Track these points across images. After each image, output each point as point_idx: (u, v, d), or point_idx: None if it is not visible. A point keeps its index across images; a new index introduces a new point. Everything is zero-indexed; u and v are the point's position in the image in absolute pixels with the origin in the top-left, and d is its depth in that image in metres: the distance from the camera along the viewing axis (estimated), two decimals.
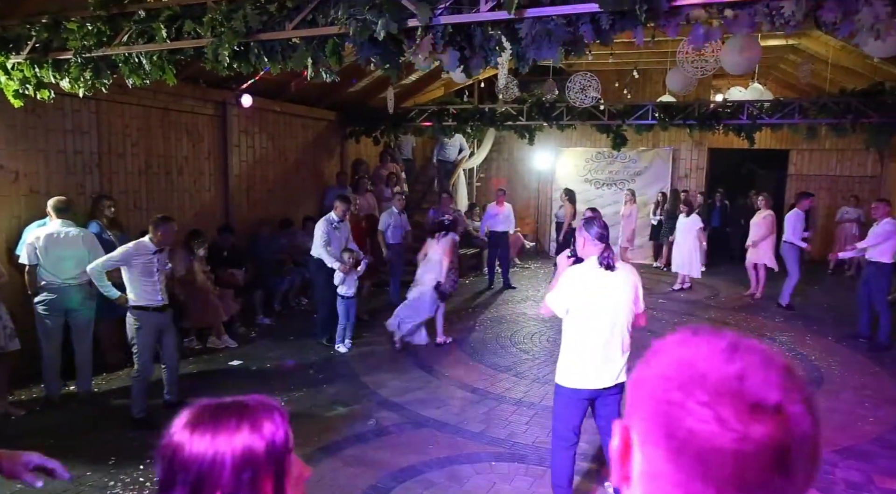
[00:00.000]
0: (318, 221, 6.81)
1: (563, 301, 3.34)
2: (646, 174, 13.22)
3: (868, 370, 6.26)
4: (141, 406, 4.81)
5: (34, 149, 5.77)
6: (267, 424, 0.97)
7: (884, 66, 8.49)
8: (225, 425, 0.95)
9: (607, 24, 3.13)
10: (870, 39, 2.72)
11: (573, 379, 3.36)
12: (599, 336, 3.29)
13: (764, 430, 0.60)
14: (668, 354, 0.70)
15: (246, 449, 0.93)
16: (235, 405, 1.00)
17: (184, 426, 0.98)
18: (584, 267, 3.34)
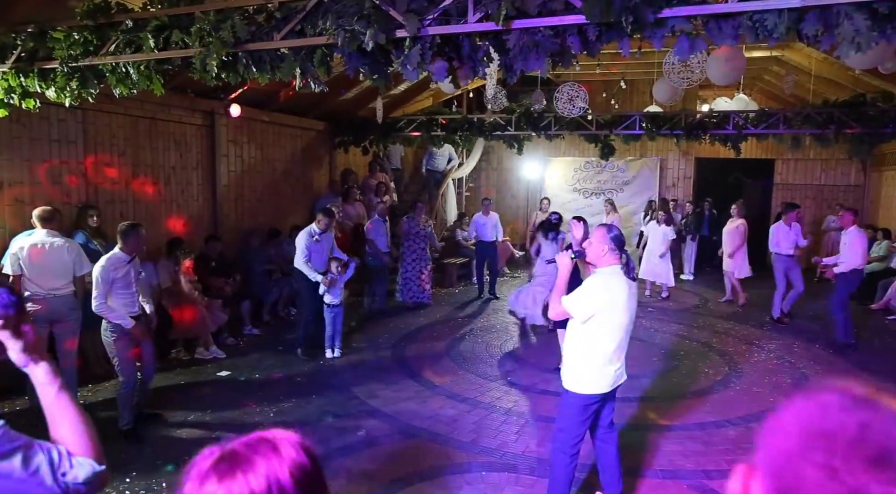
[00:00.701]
0: (300, 233, 6.75)
1: (589, 307, 3.25)
2: (634, 183, 13.33)
3: (855, 377, 6.29)
4: (128, 418, 4.74)
5: (19, 158, 5.72)
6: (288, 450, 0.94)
7: (865, 77, 8.65)
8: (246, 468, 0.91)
9: (594, 36, 3.16)
10: (851, 52, 2.77)
11: (593, 385, 3.35)
12: (620, 342, 3.34)
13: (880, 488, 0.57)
14: (796, 407, 0.71)
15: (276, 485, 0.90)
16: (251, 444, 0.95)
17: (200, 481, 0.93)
18: (612, 277, 3.29)
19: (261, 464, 0.90)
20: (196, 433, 4.84)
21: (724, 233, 9.71)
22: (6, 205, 5.61)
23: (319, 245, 6.73)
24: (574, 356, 3.39)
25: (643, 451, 4.53)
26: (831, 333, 7.63)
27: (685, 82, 7.11)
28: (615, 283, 3.26)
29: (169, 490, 3.94)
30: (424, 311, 9.09)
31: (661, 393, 5.78)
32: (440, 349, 7.19)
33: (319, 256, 6.72)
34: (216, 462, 0.92)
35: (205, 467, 0.93)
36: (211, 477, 0.91)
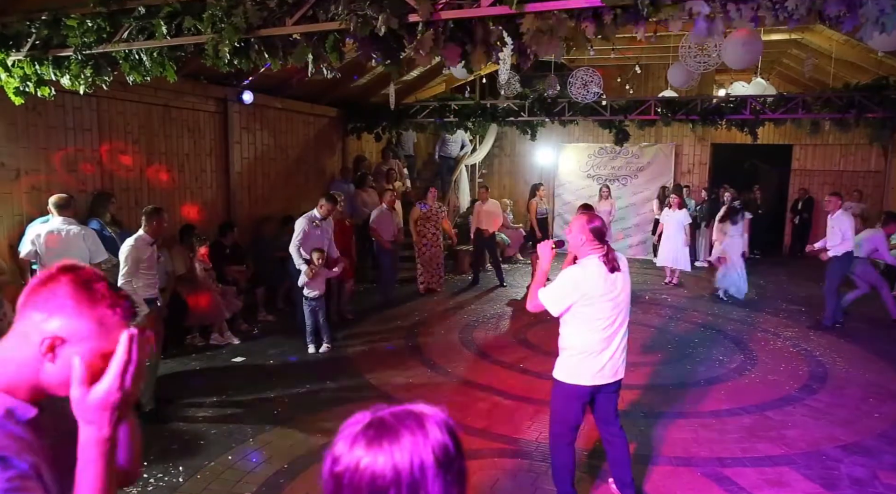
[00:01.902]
0: (301, 217, 6.62)
1: (562, 300, 3.24)
2: (648, 170, 13.19)
3: (873, 365, 6.24)
4: (149, 399, 4.85)
5: (35, 146, 5.77)
6: (434, 430, 0.94)
7: (888, 60, 8.45)
8: (398, 436, 0.92)
9: (609, 19, 3.10)
10: (874, 33, 2.69)
11: (575, 376, 3.33)
12: (602, 334, 3.28)
13: None
14: None
15: (417, 462, 0.90)
16: (399, 416, 0.96)
17: (351, 442, 0.94)
18: (588, 268, 3.23)
19: (406, 439, 0.92)
20: (212, 417, 4.90)
21: None
22: (23, 193, 5.67)
23: (319, 230, 6.61)
24: (564, 347, 3.38)
25: (656, 439, 4.52)
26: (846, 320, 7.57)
27: (701, 66, 7.01)
28: (591, 274, 3.21)
29: (185, 474, 4.00)
30: (438, 298, 9.10)
31: (675, 381, 5.76)
32: (453, 336, 7.20)
33: (317, 243, 6.58)
34: (366, 427, 0.95)
35: (355, 430, 0.95)
36: (360, 441, 0.93)
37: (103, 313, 1.13)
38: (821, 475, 4.02)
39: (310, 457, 4.20)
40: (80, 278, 1.14)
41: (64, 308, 1.11)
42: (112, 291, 1.16)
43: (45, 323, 1.10)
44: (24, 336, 1.12)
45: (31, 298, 1.13)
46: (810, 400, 5.31)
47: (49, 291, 1.12)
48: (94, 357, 1.12)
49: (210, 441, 4.47)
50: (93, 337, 1.12)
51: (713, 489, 3.85)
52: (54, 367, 1.12)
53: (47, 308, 1.11)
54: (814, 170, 13.11)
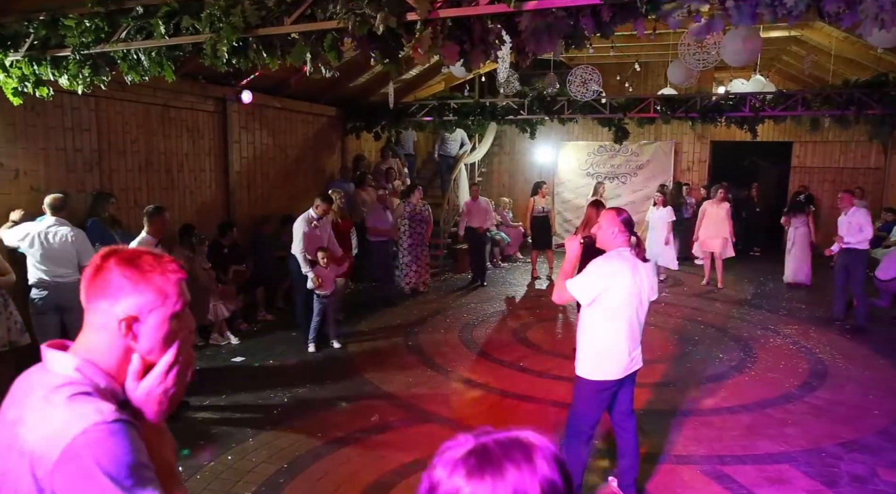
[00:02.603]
0: (297, 219, 6.57)
1: (592, 289, 3.23)
2: (648, 167, 13.19)
3: (873, 362, 6.24)
4: None
5: (34, 147, 5.76)
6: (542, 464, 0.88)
7: (887, 57, 8.44)
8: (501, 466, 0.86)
9: (608, 17, 3.10)
10: (874, 29, 2.69)
11: (603, 371, 3.33)
12: (629, 326, 3.31)
13: None
14: None
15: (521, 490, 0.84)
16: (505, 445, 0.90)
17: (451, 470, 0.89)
18: (617, 260, 3.26)
19: (511, 472, 0.85)
20: (211, 417, 4.90)
21: (710, 215, 9.70)
22: (22, 193, 5.66)
23: (318, 231, 6.59)
24: (585, 342, 3.37)
25: (658, 436, 4.52)
26: (851, 317, 7.57)
27: (700, 64, 6.99)
28: (619, 265, 3.25)
29: (185, 474, 4.00)
30: (437, 297, 9.10)
31: (676, 379, 5.76)
32: (453, 334, 7.20)
33: (316, 243, 6.56)
34: (467, 454, 0.89)
35: (456, 456, 0.90)
36: (459, 469, 0.88)
37: (158, 280, 1.20)
38: (821, 472, 4.02)
39: (309, 457, 4.20)
40: (124, 258, 1.20)
41: (123, 288, 1.18)
42: (156, 259, 1.23)
43: (114, 308, 1.18)
44: (102, 327, 1.19)
45: (90, 291, 1.19)
46: (810, 398, 5.31)
47: (102, 279, 1.19)
48: (169, 321, 1.22)
49: (209, 441, 4.46)
50: (159, 304, 1.20)
51: (713, 487, 3.85)
52: (140, 345, 1.20)
53: (109, 294, 1.18)
54: (813, 168, 13.09)
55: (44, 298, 5.03)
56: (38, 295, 5.04)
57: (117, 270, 1.18)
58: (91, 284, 1.19)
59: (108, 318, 1.18)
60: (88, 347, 1.20)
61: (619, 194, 13.07)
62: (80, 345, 1.21)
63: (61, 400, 1.11)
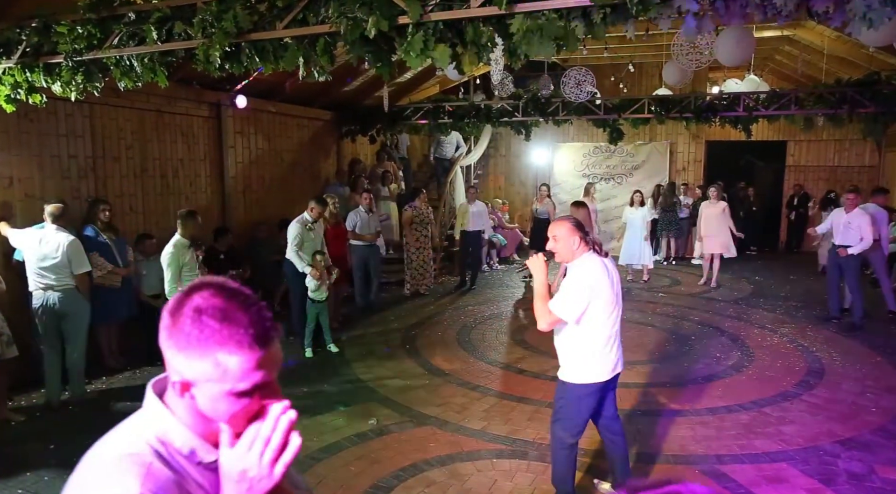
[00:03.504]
0: (292, 222, 6.56)
1: (578, 306, 3.16)
2: (643, 168, 13.22)
3: (869, 360, 6.25)
4: None
5: (28, 154, 5.75)
6: None
7: (879, 55, 8.48)
8: None
9: (599, 18, 3.11)
10: (863, 28, 2.70)
11: (592, 374, 3.30)
12: (612, 327, 3.29)
13: None
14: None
15: None
16: None
17: None
18: (590, 265, 3.22)
19: None
20: None
21: (708, 216, 9.73)
22: (17, 201, 5.65)
23: (313, 234, 6.57)
24: (571, 347, 3.29)
25: (655, 437, 4.52)
26: (848, 315, 7.59)
27: (694, 64, 7.02)
28: (594, 271, 3.20)
29: None
30: (434, 300, 9.10)
31: (673, 378, 5.76)
32: (450, 337, 7.20)
33: (312, 246, 6.56)
34: None
35: None
36: None
37: (217, 352, 0.98)
38: (818, 470, 4.02)
39: (306, 461, 4.19)
40: (196, 309, 1.00)
41: (183, 346, 1.00)
42: (230, 325, 1.00)
43: (175, 362, 1.01)
44: (171, 378, 1.04)
45: (163, 333, 1.03)
46: (807, 396, 5.32)
47: (174, 325, 1.02)
48: (227, 398, 1.00)
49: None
50: (214, 379, 0.99)
51: (711, 486, 3.85)
52: (199, 404, 1.02)
53: (173, 345, 1.01)
54: (808, 166, 13.14)
55: (42, 305, 5.04)
56: (36, 300, 5.06)
57: (188, 320, 1.00)
58: (167, 321, 1.03)
59: (170, 368, 1.03)
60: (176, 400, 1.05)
61: (615, 195, 13.10)
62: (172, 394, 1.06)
63: None
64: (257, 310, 1.05)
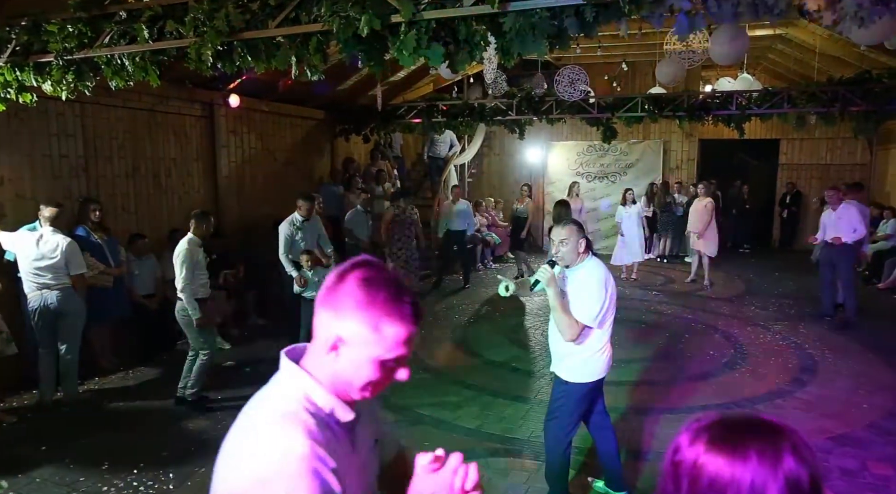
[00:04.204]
0: (282, 223, 6.49)
1: (599, 311, 3.15)
2: (637, 166, 13.24)
3: (861, 357, 6.29)
4: (199, 388, 5.17)
5: (19, 153, 5.71)
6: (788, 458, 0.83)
7: (871, 54, 8.52)
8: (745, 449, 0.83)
9: (591, 17, 3.11)
10: (853, 27, 2.71)
11: (594, 373, 3.32)
12: (609, 327, 3.31)
13: None
14: None
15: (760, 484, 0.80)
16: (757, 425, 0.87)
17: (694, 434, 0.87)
18: (596, 267, 3.24)
19: (753, 459, 0.82)
20: (203, 423, 4.87)
21: (692, 212, 9.78)
22: (7, 201, 5.61)
23: (304, 233, 6.49)
24: (575, 348, 3.26)
25: (647, 434, 4.53)
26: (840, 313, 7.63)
27: (687, 62, 7.04)
28: (601, 268, 3.24)
29: (175, 481, 3.97)
30: (428, 298, 9.09)
31: (666, 376, 5.78)
32: (444, 335, 7.20)
33: (305, 245, 6.50)
34: (713, 424, 0.87)
35: (702, 424, 0.88)
36: (701, 437, 0.86)
37: (382, 320, 1.09)
38: None
39: None
40: (366, 278, 1.11)
41: (346, 308, 1.10)
42: (398, 298, 1.11)
43: (332, 321, 1.11)
44: (319, 332, 1.14)
45: (325, 295, 1.13)
46: (800, 393, 5.35)
47: (338, 289, 1.12)
48: (370, 362, 1.11)
49: (200, 447, 4.43)
50: (369, 342, 1.09)
51: None
52: (341, 366, 1.12)
53: (334, 306, 1.11)
54: (801, 164, 13.20)
55: (38, 304, 5.02)
56: (33, 301, 5.05)
57: (353, 287, 1.10)
58: (329, 289, 1.13)
59: (325, 329, 1.13)
60: (313, 357, 1.16)
61: (609, 193, 13.12)
62: (309, 356, 1.17)
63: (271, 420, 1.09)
64: (413, 293, 1.16)
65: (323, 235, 6.81)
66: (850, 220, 7.23)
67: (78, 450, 4.38)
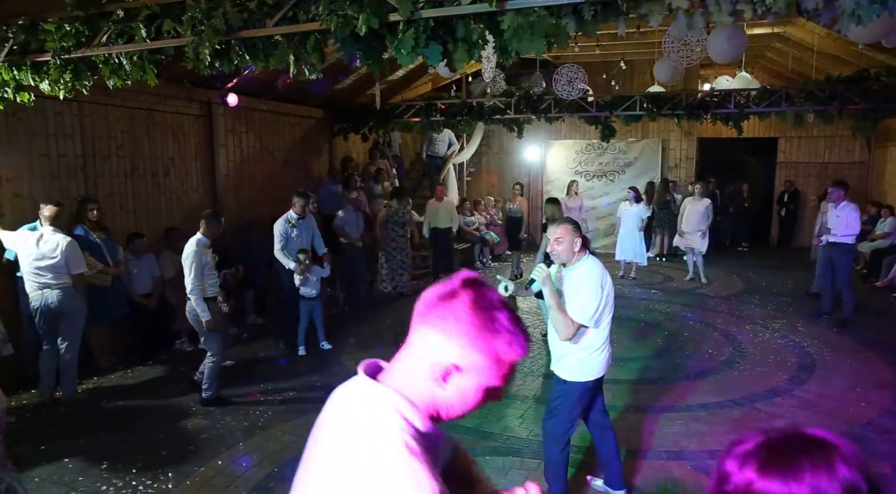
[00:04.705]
0: (277, 220, 6.51)
1: (596, 311, 3.16)
2: (635, 165, 13.24)
3: (859, 355, 6.30)
4: (215, 388, 5.16)
5: (17, 153, 5.70)
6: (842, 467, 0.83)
7: (869, 52, 8.53)
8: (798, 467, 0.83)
9: (589, 15, 3.10)
10: (851, 25, 2.71)
11: (594, 371, 3.32)
12: (609, 325, 3.32)
13: None
14: None
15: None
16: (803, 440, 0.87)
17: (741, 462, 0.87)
18: (594, 266, 3.24)
19: (806, 474, 0.82)
20: (201, 422, 4.87)
21: (690, 213, 9.81)
22: (5, 200, 5.60)
23: (299, 231, 6.50)
24: (575, 347, 3.27)
25: (646, 432, 4.54)
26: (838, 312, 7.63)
27: (685, 61, 7.03)
28: (597, 267, 3.24)
29: (174, 480, 3.97)
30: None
31: (665, 374, 5.78)
32: None
33: (299, 245, 6.50)
34: (760, 447, 0.87)
35: (748, 448, 0.88)
36: (751, 462, 0.86)
37: (501, 348, 1.06)
38: None
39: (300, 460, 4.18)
40: (483, 302, 1.07)
41: (461, 334, 1.05)
42: (513, 323, 1.08)
43: (443, 346, 1.06)
44: (418, 353, 1.10)
45: (429, 313, 1.08)
46: (799, 391, 5.36)
47: (449, 310, 1.06)
48: (482, 392, 1.08)
49: (199, 446, 4.44)
50: (484, 371, 1.06)
51: (703, 482, 3.87)
52: (444, 392, 1.09)
53: (444, 329, 1.06)
54: (799, 163, 13.21)
55: (39, 303, 5.02)
56: (34, 300, 5.05)
57: (470, 311, 1.05)
58: (433, 305, 1.08)
59: (429, 350, 1.08)
60: (406, 377, 1.11)
61: (608, 192, 13.12)
62: (397, 374, 1.12)
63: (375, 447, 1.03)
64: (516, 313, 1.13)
65: (317, 234, 6.81)
66: (847, 219, 7.25)
67: (77, 450, 4.37)
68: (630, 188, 10.40)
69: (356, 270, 8.45)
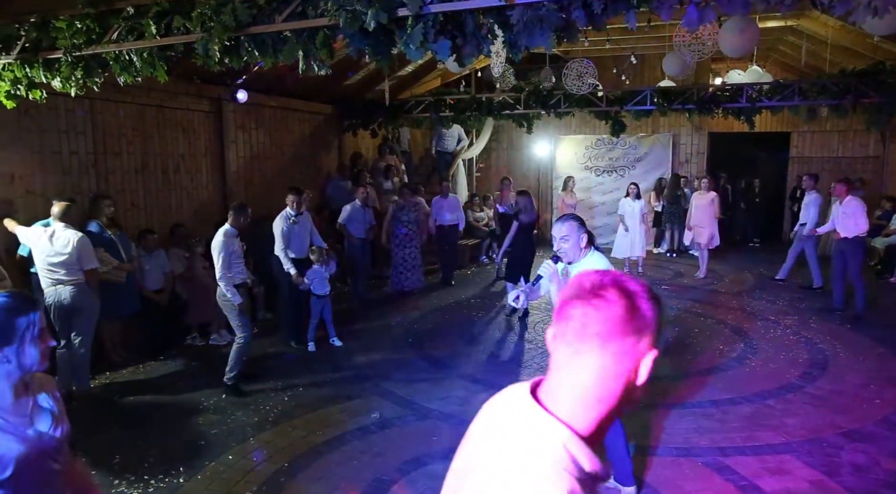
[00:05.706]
0: (276, 219, 6.45)
1: None
2: (646, 160, 13.15)
3: (873, 351, 6.23)
4: (237, 373, 5.38)
5: (29, 150, 5.75)
6: None
7: (884, 44, 8.40)
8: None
9: (599, 9, 3.08)
10: (867, 17, 2.67)
11: None
12: None
13: None
14: None
15: None
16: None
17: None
18: (599, 259, 3.24)
19: None
20: (212, 417, 4.90)
21: (697, 207, 9.81)
22: (18, 197, 5.65)
23: (298, 228, 6.48)
24: None
25: (657, 429, 4.51)
26: (850, 308, 7.56)
27: (696, 55, 6.97)
28: (604, 263, 3.23)
29: (186, 474, 4.00)
30: (437, 294, 9.09)
31: (676, 371, 5.75)
32: (453, 332, 7.19)
33: (300, 241, 6.49)
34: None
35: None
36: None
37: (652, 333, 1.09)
38: (822, 462, 4.02)
39: (310, 456, 4.20)
40: (646, 294, 1.09)
41: (650, 323, 1.08)
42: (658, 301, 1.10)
43: (640, 344, 1.06)
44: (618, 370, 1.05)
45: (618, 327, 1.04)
46: (811, 388, 5.31)
47: (637, 309, 1.05)
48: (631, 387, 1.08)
49: (210, 441, 4.47)
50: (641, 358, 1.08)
51: (714, 478, 3.85)
52: (608, 388, 1.05)
53: (635, 328, 1.05)
54: (812, 157, 13.06)
55: (53, 300, 5.06)
56: (48, 297, 5.09)
57: (648, 302, 1.06)
58: (623, 318, 1.04)
59: (627, 354, 1.04)
60: (573, 406, 1.04)
61: (618, 187, 13.04)
62: (564, 401, 1.06)
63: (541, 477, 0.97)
64: None
65: (314, 229, 6.80)
66: (854, 215, 7.19)
67: (89, 444, 4.41)
68: (631, 184, 10.32)
69: (358, 263, 8.49)
